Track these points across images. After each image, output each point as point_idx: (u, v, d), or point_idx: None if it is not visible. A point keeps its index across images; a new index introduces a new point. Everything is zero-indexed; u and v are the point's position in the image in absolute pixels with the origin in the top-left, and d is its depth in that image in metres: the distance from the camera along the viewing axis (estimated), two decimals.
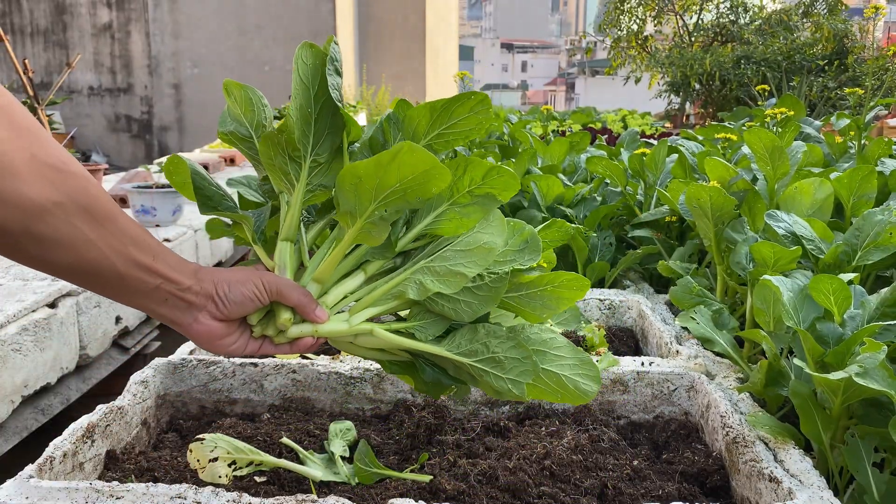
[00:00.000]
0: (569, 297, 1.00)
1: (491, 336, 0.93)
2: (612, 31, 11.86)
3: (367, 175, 0.86)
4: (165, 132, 10.93)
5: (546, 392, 0.95)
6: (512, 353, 0.92)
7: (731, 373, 1.36)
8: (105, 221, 0.74)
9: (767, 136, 1.65)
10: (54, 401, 1.98)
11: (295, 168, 0.96)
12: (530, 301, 0.99)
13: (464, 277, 0.91)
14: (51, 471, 0.98)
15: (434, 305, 0.94)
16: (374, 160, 0.85)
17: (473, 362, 0.94)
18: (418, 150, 0.82)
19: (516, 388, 0.92)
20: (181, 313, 0.84)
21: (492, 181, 0.92)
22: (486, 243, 0.93)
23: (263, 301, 0.89)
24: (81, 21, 10.72)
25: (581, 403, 0.95)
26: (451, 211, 0.94)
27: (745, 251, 1.47)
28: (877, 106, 2.42)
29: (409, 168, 0.84)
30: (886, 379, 0.89)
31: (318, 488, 1.06)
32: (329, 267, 0.95)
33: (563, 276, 0.98)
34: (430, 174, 0.85)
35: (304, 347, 0.94)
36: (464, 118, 0.96)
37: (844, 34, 8.92)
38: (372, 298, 0.96)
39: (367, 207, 0.89)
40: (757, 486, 0.99)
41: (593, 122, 5.70)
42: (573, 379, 0.94)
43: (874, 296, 1.13)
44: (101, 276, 0.76)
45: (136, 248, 0.78)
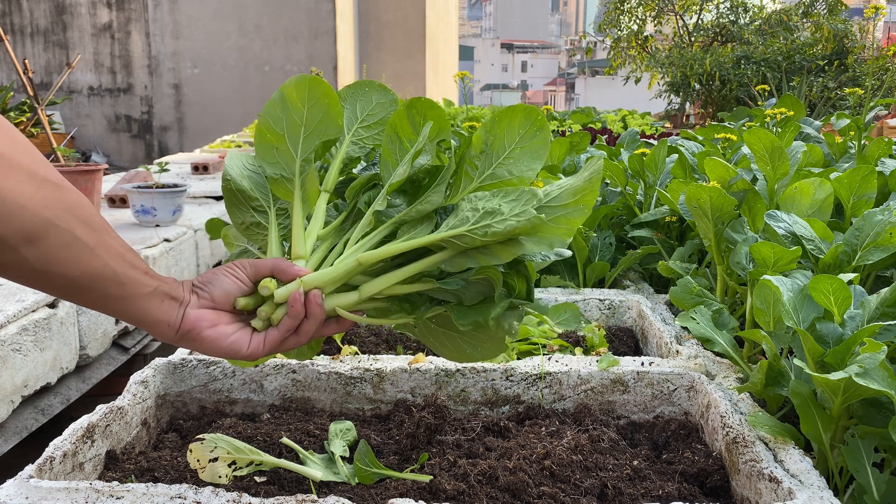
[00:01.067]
0: (540, 145, 0.94)
1: (476, 200, 0.88)
2: (612, 32, 11.86)
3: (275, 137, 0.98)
4: (165, 132, 10.93)
5: (555, 229, 0.88)
6: (505, 199, 0.87)
7: (731, 373, 1.36)
8: (101, 232, 0.78)
9: (767, 136, 1.65)
10: (54, 401, 1.98)
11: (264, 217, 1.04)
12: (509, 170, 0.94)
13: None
14: (51, 471, 0.98)
15: (410, 213, 0.93)
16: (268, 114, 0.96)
17: (469, 228, 0.87)
18: (296, 79, 0.95)
19: (524, 217, 0.85)
20: (174, 311, 0.85)
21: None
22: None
23: (241, 278, 0.89)
24: (81, 21, 10.73)
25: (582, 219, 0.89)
26: None
27: (745, 251, 1.46)
28: (877, 106, 2.42)
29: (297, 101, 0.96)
30: (886, 379, 0.89)
31: (318, 488, 1.06)
32: (297, 238, 0.95)
33: (512, 121, 0.94)
34: (317, 98, 0.96)
35: (299, 307, 0.88)
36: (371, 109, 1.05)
37: (844, 34, 8.92)
38: (352, 239, 0.94)
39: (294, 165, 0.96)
40: (757, 486, 0.99)
41: (593, 122, 5.70)
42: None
43: (874, 296, 1.13)
44: (103, 285, 0.78)
45: (132, 255, 0.82)
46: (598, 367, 1.35)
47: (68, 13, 10.70)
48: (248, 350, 0.88)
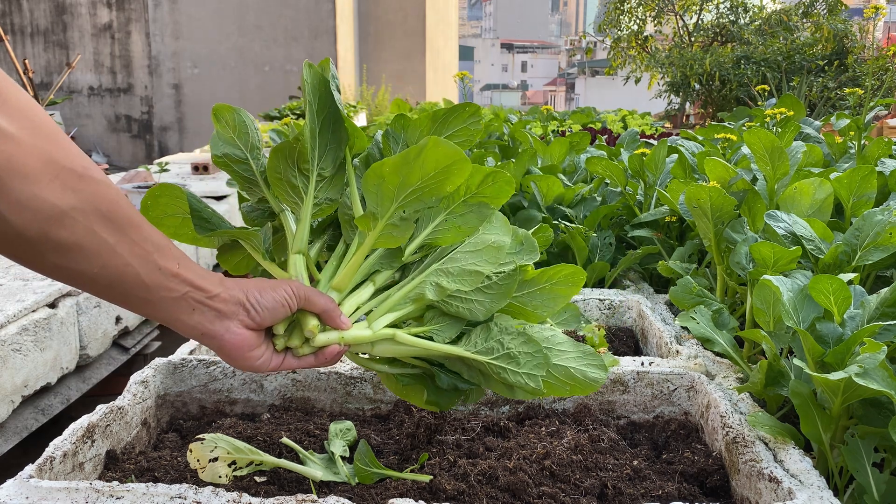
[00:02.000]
0: (565, 294, 1.03)
1: (504, 333, 0.96)
2: (611, 32, 11.87)
3: (391, 173, 0.88)
4: (165, 132, 10.94)
5: (557, 386, 0.97)
6: (524, 347, 0.95)
7: (730, 373, 1.36)
8: (127, 228, 0.72)
9: (767, 136, 1.65)
10: (54, 401, 1.98)
11: (303, 181, 0.98)
12: (531, 300, 1.02)
13: (479, 275, 0.95)
14: (51, 471, 0.98)
15: (449, 307, 0.97)
16: (402, 156, 0.86)
17: (490, 360, 0.96)
18: (443, 144, 0.85)
19: (532, 382, 0.94)
20: (212, 323, 0.81)
21: (486, 189, 0.96)
22: (494, 242, 0.97)
23: (293, 307, 0.88)
24: (81, 21, 10.73)
25: (591, 391, 0.97)
26: (449, 221, 0.97)
27: (745, 251, 1.46)
28: (877, 106, 2.42)
29: (433, 163, 0.86)
30: (886, 379, 0.89)
31: (318, 488, 1.06)
32: (349, 273, 0.97)
33: (562, 271, 1.02)
34: (451, 169, 0.87)
35: (329, 358, 0.93)
36: (460, 129, 1.03)
37: (844, 34, 8.93)
38: (391, 304, 0.97)
39: (388, 208, 0.91)
40: (757, 486, 0.99)
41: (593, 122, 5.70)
42: (581, 370, 0.97)
43: (874, 296, 1.13)
44: (125, 285, 0.74)
45: (160, 254, 0.75)
46: None
47: (68, 13, 10.70)
48: (268, 369, 0.90)
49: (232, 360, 0.85)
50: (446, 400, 1.04)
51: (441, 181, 0.89)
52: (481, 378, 1.00)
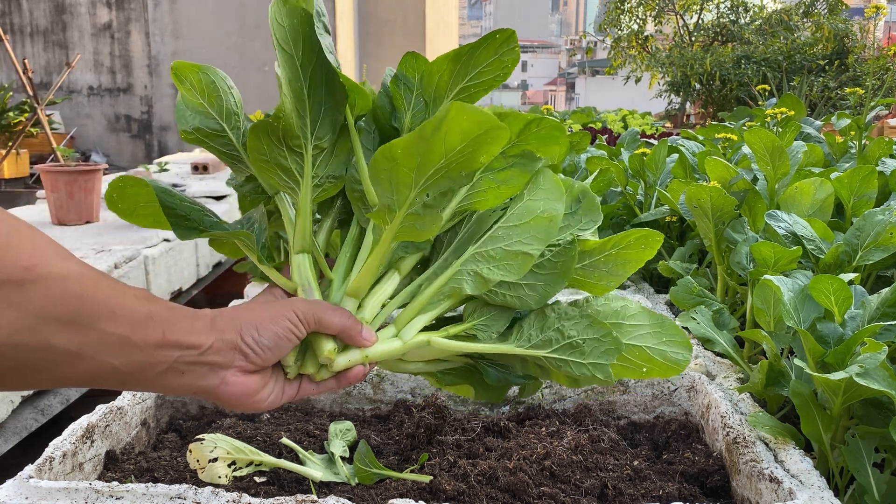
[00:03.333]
0: (636, 258, 0.85)
1: (563, 319, 0.81)
2: (612, 31, 11.87)
3: (404, 155, 0.69)
4: (165, 132, 10.93)
5: (631, 370, 0.83)
6: (589, 332, 0.80)
7: (731, 373, 1.35)
8: (96, 321, 0.58)
9: (768, 135, 1.65)
10: (54, 401, 1.98)
11: (296, 161, 0.80)
12: (593, 271, 0.86)
13: (527, 258, 0.77)
14: (50, 471, 0.98)
15: (494, 297, 0.81)
16: (416, 134, 0.68)
17: (549, 353, 0.81)
18: (470, 111, 0.65)
19: (600, 373, 0.80)
20: (204, 380, 0.68)
21: (529, 137, 0.77)
22: (544, 211, 0.77)
23: (301, 336, 0.74)
24: (81, 21, 10.73)
25: (673, 375, 0.83)
26: (486, 180, 0.78)
27: (746, 251, 1.46)
28: (877, 106, 2.41)
29: (458, 135, 0.67)
30: (887, 379, 0.89)
31: (317, 488, 1.06)
32: (367, 276, 0.80)
33: (631, 235, 0.84)
34: (483, 139, 0.67)
35: (353, 380, 0.80)
36: (489, 64, 0.79)
37: (845, 34, 8.93)
38: (420, 304, 0.81)
39: (406, 196, 0.73)
40: (757, 487, 0.99)
41: (593, 121, 5.70)
42: (660, 349, 0.82)
43: (875, 296, 1.13)
44: (96, 381, 0.62)
45: (142, 330, 0.62)
46: None
47: (68, 13, 10.70)
48: (280, 402, 0.78)
49: (233, 407, 0.74)
50: (498, 395, 0.91)
51: (471, 154, 0.69)
52: (538, 371, 0.86)
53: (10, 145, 4.77)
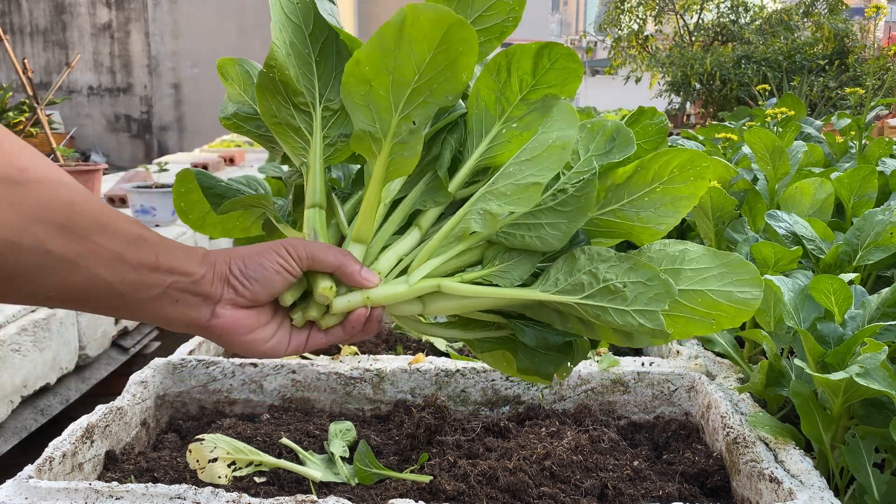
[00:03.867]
0: (688, 194, 0.75)
1: (596, 261, 0.72)
2: (612, 31, 11.87)
3: (374, 72, 0.67)
4: (165, 132, 10.93)
5: (692, 321, 0.74)
6: (631, 276, 0.71)
7: (731, 373, 1.35)
8: (90, 232, 0.59)
9: (768, 135, 1.65)
10: (54, 401, 1.98)
11: (305, 120, 0.79)
12: (638, 210, 0.76)
13: (538, 187, 0.71)
14: (50, 471, 0.98)
15: (513, 240, 0.75)
16: (376, 42, 0.66)
17: (581, 299, 0.72)
18: (426, 9, 0.63)
19: (649, 321, 0.70)
20: (196, 311, 0.68)
21: (548, 77, 0.73)
22: (556, 139, 0.72)
23: (292, 270, 0.71)
24: (81, 21, 10.72)
25: (743, 319, 0.74)
26: (507, 130, 0.75)
27: (746, 251, 1.46)
28: (877, 106, 2.41)
29: (423, 41, 0.64)
30: (887, 379, 0.89)
31: (317, 489, 1.06)
32: (367, 216, 0.76)
33: (673, 160, 0.74)
34: (451, 44, 0.65)
35: (358, 325, 0.75)
36: (491, 5, 0.76)
37: (845, 34, 8.93)
38: (430, 248, 0.77)
39: (390, 121, 0.70)
40: (757, 487, 0.99)
41: None
42: (724, 291, 0.72)
43: (875, 296, 1.13)
44: (92, 297, 0.62)
45: (135, 249, 0.63)
46: (599, 367, 1.35)
47: (68, 13, 10.70)
48: (286, 352, 0.76)
49: (230, 346, 0.73)
50: (544, 362, 0.81)
51: (448, 68, 0.66)
52: (581, 326, 0.77)
53: None
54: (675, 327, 0.75)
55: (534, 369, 0.82)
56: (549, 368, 0.82)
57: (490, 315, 0.81)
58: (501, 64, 0.75)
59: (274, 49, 0.75)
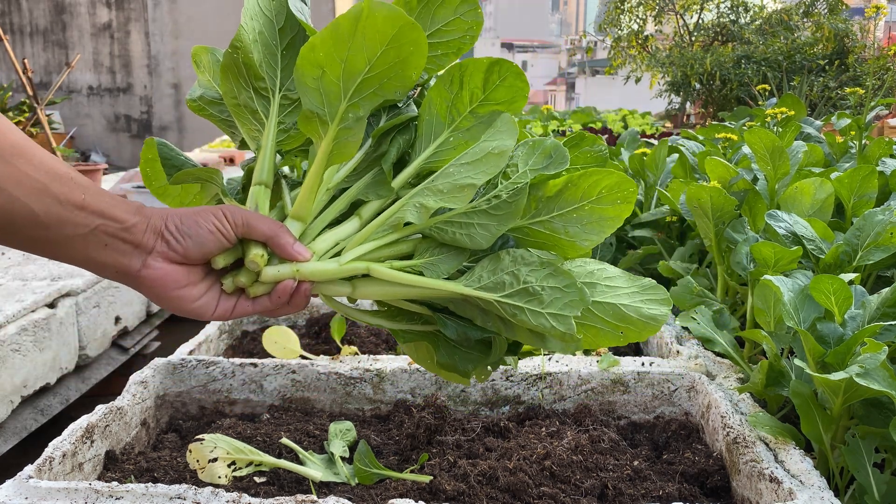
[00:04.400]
0: (613, 216, 0.79)
1: (520, 263, 0.77)
2: (612, 31, 11.87)
3: (328, 59, 0.71)
4: (165, 132, 10.93)
5: (602, 331, 0.78)
6: (550, 281, 0.75)
7: (731, 373, 1.35)
8: (13, 157, 0.62)
9: (768, 135, 1.65)
10: (54, 401, 1.98)
11: (263, 104, 0.83)
12: (565, 225, 0.80)
13: (472, 188, 0.76)
14: (50, 471, 0.98)
15: (444, 235, 0.80)
16: (331, 33, 0.70)
17: (501, 297, 0.76)
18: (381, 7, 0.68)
19: (562, 324, 0.74)
20: (127, 258, 0.70)
21: (497, 93, 0.79)
22: (495, 147, 0.77)
23: (226, 234, 0.74)
24: (81, 21, 10.72)
25: (649, 334, 0.78)
26: (454, 138, 0.80)
27: (746, 251, 1.46)
28: (877, 106, 2.41)
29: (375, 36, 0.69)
30: (887, 379, 0.89)
31: (317, 489, 1.06)
32: (308, 195, 0.80)
33: (601, 181, 0.78)
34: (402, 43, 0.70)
35: (283, 296, 0.77)
36: (449, 22, 0.81)
37: (845, 34, 8.92)
38: (365, 234, 0.81)
39: (338, 106, 0.74)
40: (757, 487, 0.99)
41: (594, 121, 5.70)
42: (634, 306, 0.77)
43: (875, 296, 1.13)
44: (15, 225, 0.63)
45: (61, 184, 0.65)
46: (599, 367, 1.35)
47: (68, 13, 10.70)
48: (213, 314, 0.77)
49: (159, 300, 0.74)
50: (463, 359, 0.85)
51: (399, 65, 0.72)
52: (501, 325, 0.80)
53: None
54: (586, 336, 0.79)
55: (453, 365, 0.85)
56: (468, 366, 0.85)
57: (417, 306, 0.84)
58: (455, 76, 0.80)
59: (241, 32, 0.80)
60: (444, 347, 0.85)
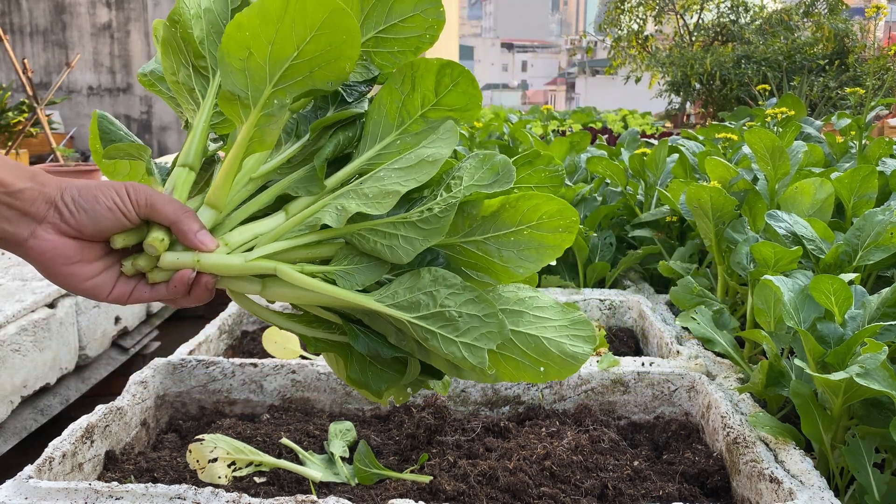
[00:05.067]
0: (553, 244, 0.74)
1: (440, 284, 0.71)
2: (612, 31, 11.87)
3: (255, 40, 0.67)
4: (165, 132, 10.94)
5: (522, 367, 0.73)
6: (469, 308, 0.70)
7: (731, 373, 1.35)
8: None
9: (768, 135, 1.65)
10: (53, 401, 1.98)
11: (202, 83, 0.79)
12: (500, 249, 0.75)
13: (396, 195, 0.71)
14: (50, 471, 0.98)
15: (365, 244, 0.74)
16: (257, 12, 0.65)
17: (414, 318, 0.71)
18: None
19: (473, 357, 0.69)
20: (12, 225, 0.65)
21: (450, 98, 0.75)
22: (431, 155, 0.72)
23: (127, 212, 0.69)
24: (81, 21, 10.73)
25: (569, 374, 0.74)
26: (401, 142, 0.76)
27: (746, 251, 1.46)
28: (877, 106, 2.41)
29: (307, 19, 0.65)
30: (887, 379, 0.89)
31: (317, 489, 1.06)
32: (224, 182, 0.74)
33: (542, 207, 0.72)
34: (332, 29, 0.66)
35: (181, 286, 0.71)
36: (408, 17, 0.77)
37: (845, 34, 8.93)
38: (279, 231, 0.75)
39: (263, 91, 0.70)
40: (757, 487, 0.99)
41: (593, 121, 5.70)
42: (558, 341, 0.73)
43: (875, 296, 1.13)
44: None
45: None
46: (599, 367, 1.35)
47: (67, 13, 10.70)
48: (108, 297, 0.72)
49: (48, 274, 0.69)
50: (376, 378, 0.79)
51: (330, 52, 0.67)
52: (415, 347, 0.75)
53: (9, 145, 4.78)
54: (506, 368, 0.75)
55: (364, 382, 0.80)
56: (381, 385, 0.80)
57: (329, 314, 0.79)
58: (407, 75, 0.76)
59: (181, 5, 0.75)
60: (357, 362, 0.80)
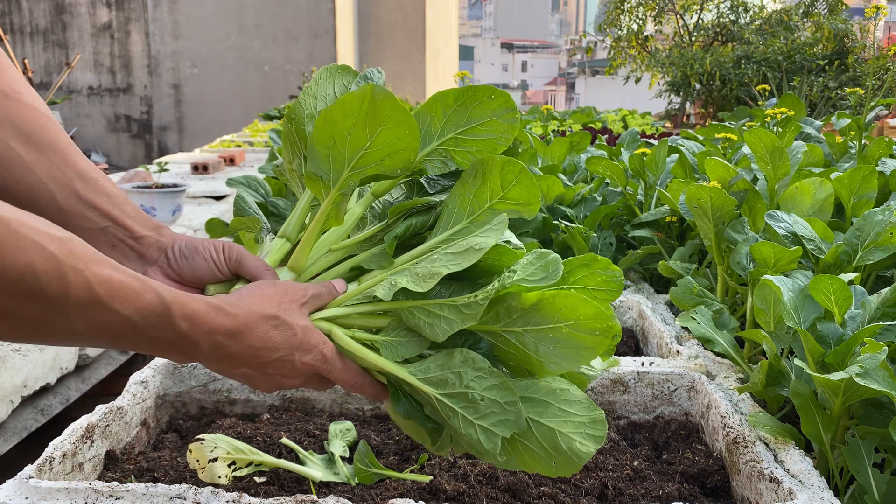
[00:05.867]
0: (591, 345, 0.74)
1: (468, 366, 0.75)
2: (612, 31, 11.86)
3: (338, 132, 0.78)
4: (165, 132, 10.93)
5: (537, 458, 0.76)
6: (492, 393, 0.73)
7: (731, 373, 1.35)
8: (50, 151, 0.71)
9: (768, 136, 1.65)
10: (54, 401, 1.98)
11: None
12: (537, 342, 0.76)
13: (436, 276, 0.78)
14: (50, 471, 0.98)
15: (410, 319, 0.80)
16: (339, 107, 0.76)
17: (439, 394, 0.75)
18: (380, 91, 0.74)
19: (488, 441, 0.73)
20: (130, 262, 0.76)
21: (515, 192, 0.83)
22: (477, 244, 0.78)
23: (219, 264, 0.80)
24: (81, 21, 10.73)
25: (570, 472, 0.77)
26: (467, 230, 0.83)
27: (746, 251, 1.46)
28: (877, 106, 2.41)
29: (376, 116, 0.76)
30: (887, 379, 0.89)
31: (317, 489, 1.06)
32: (303, 249, 0.86)
33: (579, 309, 0.73)
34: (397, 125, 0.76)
35: None
36: (485, 122, 0.85)
37: (845, 34, 8.92)
38: (344, 297, 0.85)
39: (342, 173, 0.81)
40: (757, 487, 0.99)
41: (593, 121, 5.70)
42: (570, 437, 0.75)
43: (875, 296, 1.13)
44: (38, 205, 0.71)
45: (85, 185, 0.74)
46: (597, 373, 1.35)
47: (68, 13, 10.70)
48: None
49: None
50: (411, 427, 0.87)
51: (395, 143, 0.78)
52: (440, 417, 0.80)
53: None
54: (522, 457, 0.78)
55: (406, 428, 0.88)
56: (418, 437, 0.88)
57: (377, 374, 0.86)
58: (478, 171, 0.85)
59: (297, 106, 0.89)
60: (396, 413, 0.86)
